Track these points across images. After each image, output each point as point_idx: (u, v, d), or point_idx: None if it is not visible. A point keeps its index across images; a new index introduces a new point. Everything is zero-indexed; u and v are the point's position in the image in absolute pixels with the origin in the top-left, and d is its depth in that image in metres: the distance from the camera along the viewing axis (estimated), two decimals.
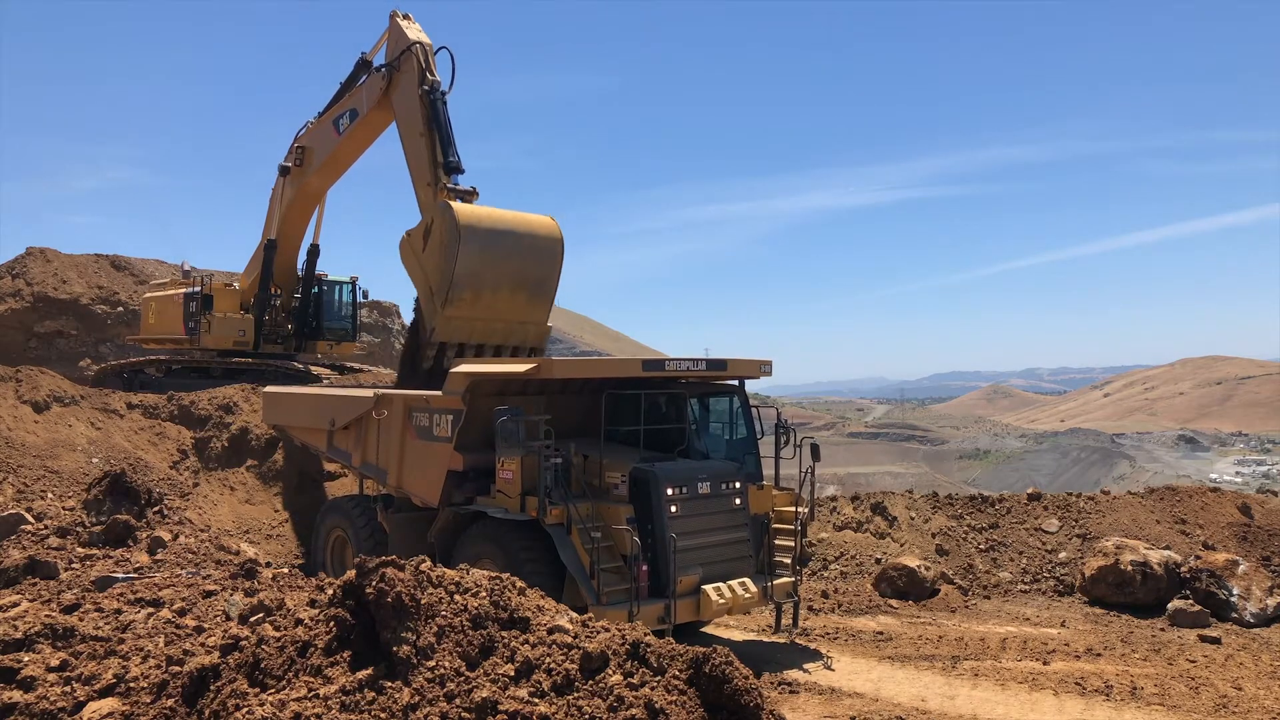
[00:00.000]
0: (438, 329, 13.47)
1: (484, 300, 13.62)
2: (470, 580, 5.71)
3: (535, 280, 14.11)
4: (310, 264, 22.29)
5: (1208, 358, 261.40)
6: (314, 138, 19.24)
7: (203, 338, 21.63)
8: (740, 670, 5.14)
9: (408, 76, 15.08)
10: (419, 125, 14.59)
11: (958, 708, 9.40)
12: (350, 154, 18.70)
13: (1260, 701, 9.59)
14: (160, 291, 24.40)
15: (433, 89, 14.64)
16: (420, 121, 14.58)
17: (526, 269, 13.90)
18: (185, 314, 22.23)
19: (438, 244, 13.36)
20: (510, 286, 13.82)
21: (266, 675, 5.28)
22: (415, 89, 14.77)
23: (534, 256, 13.99)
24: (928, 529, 16.10)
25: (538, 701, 4.95)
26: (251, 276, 21.84)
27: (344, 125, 17.59)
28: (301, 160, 19.40)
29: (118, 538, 9.96)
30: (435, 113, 14.49)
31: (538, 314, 14.43)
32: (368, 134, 17.59)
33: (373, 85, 16.33)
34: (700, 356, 11.54)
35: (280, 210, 20.45)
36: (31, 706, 5.88)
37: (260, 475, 17.65)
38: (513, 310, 14.00)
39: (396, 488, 12.39)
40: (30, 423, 16.65)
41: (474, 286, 13.42)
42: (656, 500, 10.18)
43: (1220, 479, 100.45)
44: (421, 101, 14.62)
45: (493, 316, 13.85)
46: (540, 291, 14.25)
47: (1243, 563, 13.62)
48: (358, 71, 17.25)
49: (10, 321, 29.08)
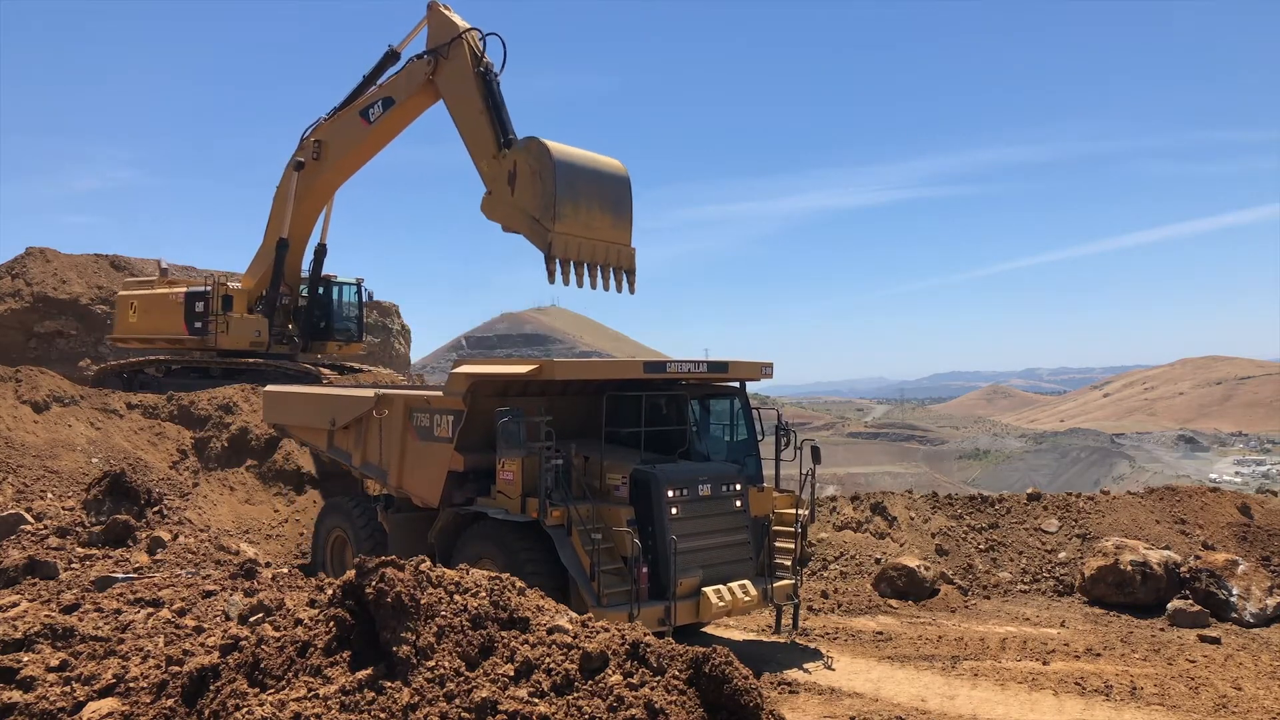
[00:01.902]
0: (554, 244, 14.19)
1: (581, 217, 14.44)
2: (470, 580, 5.71)
3: (615, 202, 14.96)
4: (317, 264, 22.24)
5: (1207, 358, 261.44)
6: (334, 131, 19.38)
7: (219, 338, 21.36)
8: (740, 670, 5.14)
9: (459, 60, 16.21)
10: (477, 103, 15.77)
11: (957, 708, 9.40)
12: (377, 143, 19.15)
13: (1260, 701, 9.60)
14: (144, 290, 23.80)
15: (488, 70, 15.95)
16: (479, 99, 15.77)
17: (605, 190, 14.82)
18: (188, 314, 22.05)
19: (528, 177, 14.42)
20: (599, 205, 14.68)
21: (266, 675, 5.28)
22: (469, 71, 16.01)
23: (610, 182, 14.97)
24: (927, 529, 16.10)
25: (537, 701, 4.95)
26: (257, 276, 21.64)
27: (375, 114, 18.23)
28: (319, 154, 19.55)
29: (117, 538, 9.96)
30: (492, 91, 15.77)
31: (623, 236, 15.19)
32: (402, 120, 18.22)
33: (415, 71, 17.16)
34: (701, 358, 11.54)
35: (293, 208, 20.35)
36: (31, 706, 5.88)
37: (260, 475, 17.65)
38: (604, 230, 14.83)
39: (397, 488, 12.39)
40: (30, 423, 16.66)
41: (571, 200, 14.26)
42: (657, 502, 10.18)
43: (1220, 479, 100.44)
44: (478, 81, 15.86)
45: (591, 235, 14.64)
46: (621, 214, 15.12)
47: (1242, 563, 13.62)
48: (385, 63, 18.12)
49: (10, 321, 29.07)
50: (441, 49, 16.42)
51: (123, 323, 23.70)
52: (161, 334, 22.82)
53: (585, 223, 14.43)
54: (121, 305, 23.91)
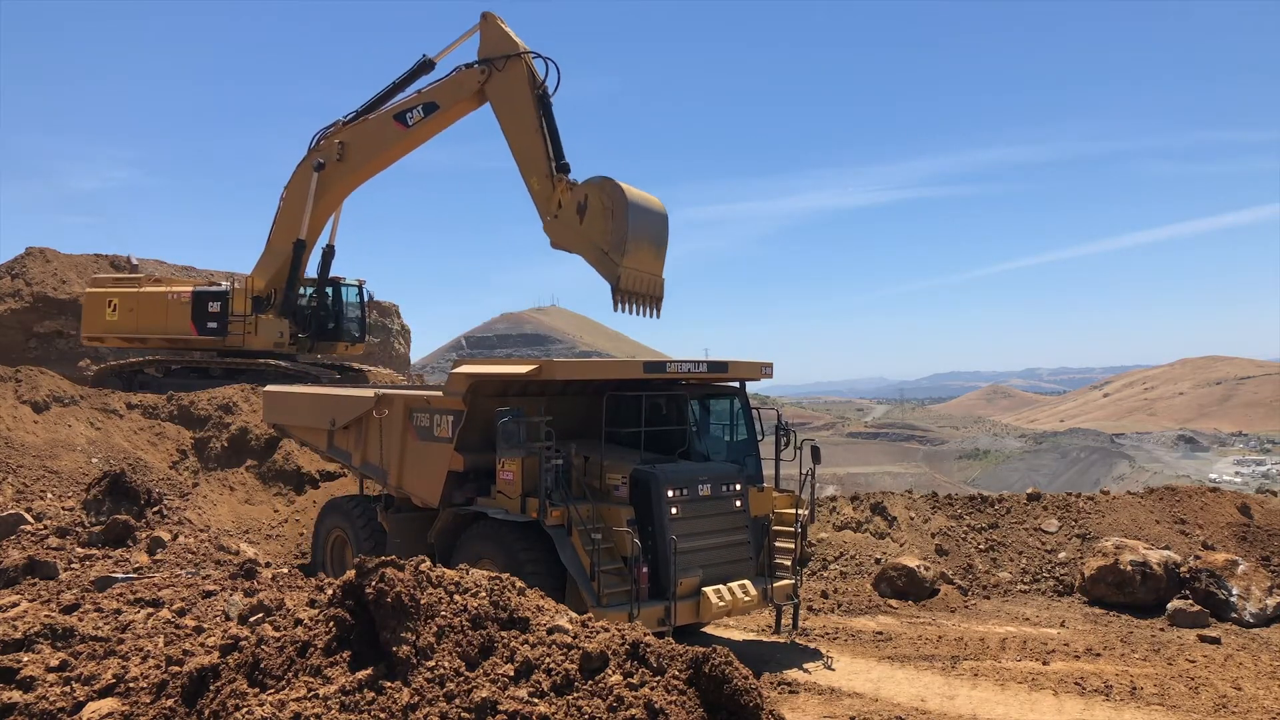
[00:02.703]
0: (622, 277, 15.09)
1: (639, 253, 15.41)
2: (470, 580, 5.71)
3: (659, 238, 15.87)
4: (325, 265, 22.44)
5: (1207, 358, 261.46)
6: (362, 133, 19.65)
7: (247, 339, 21.62)
8: (740, 670, 5.14)
9: (516, 77, 16.92)
10: (533, 124, 16.58)
11: (957, 708, 9.40)
12: (409, 147, 19.62)
13: (1260, 701, 9.60)
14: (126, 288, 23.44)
15: (544, 93, 16.71)
16: (534, 120, 16.58)
17: (652, 229, 15.71)
18: (197, 314, 22.01)
19: (599, 212, 15.32)
20: (649, 242, 15.60)
21: (266, 675, 5.27)
22: (526, 90, 16.74)
23: (658, 219, 15.90)
24: (927, 529, 16.10)
25: (537, 702, 4.95)
26: (267, 276, 21.70)
27: (414, 118, 18.76)
28: (342, 155, 19.76)
29: (117, 538, 9.96)
30: (548, 114, 16.63)
31: (658, 268, 16.14)
32: (440, 125, 18.81)
33: (465, 80, 17.73)
34: (701, 358, 11.54)
35: (310, 208, 20.56)
36: (31, 706, 5.88)
37: (260, 475, 17.66)
38: (647, 263, 15.75)
39: (396, 488, 12.39)
40: (30, 423, 16.66)
41: (635, 239, 15.16)
42: (657, 502, 10.17)
43: (1220, 479, 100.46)
44: (536, 103, 16.63)
45: (642, 268, 15.56)
46: (661, 248, 16.12)
47: (1242, 563, 13.62)
48: (418, 71, 18.66)
49: (10, 321, 29.05)
50: (496, 61, 17.09)
51: (98, 320, 23.18)
52: (158, 333, 22.59)
53: (639, 257, 15.34)
54: (95, 302, 23.40)
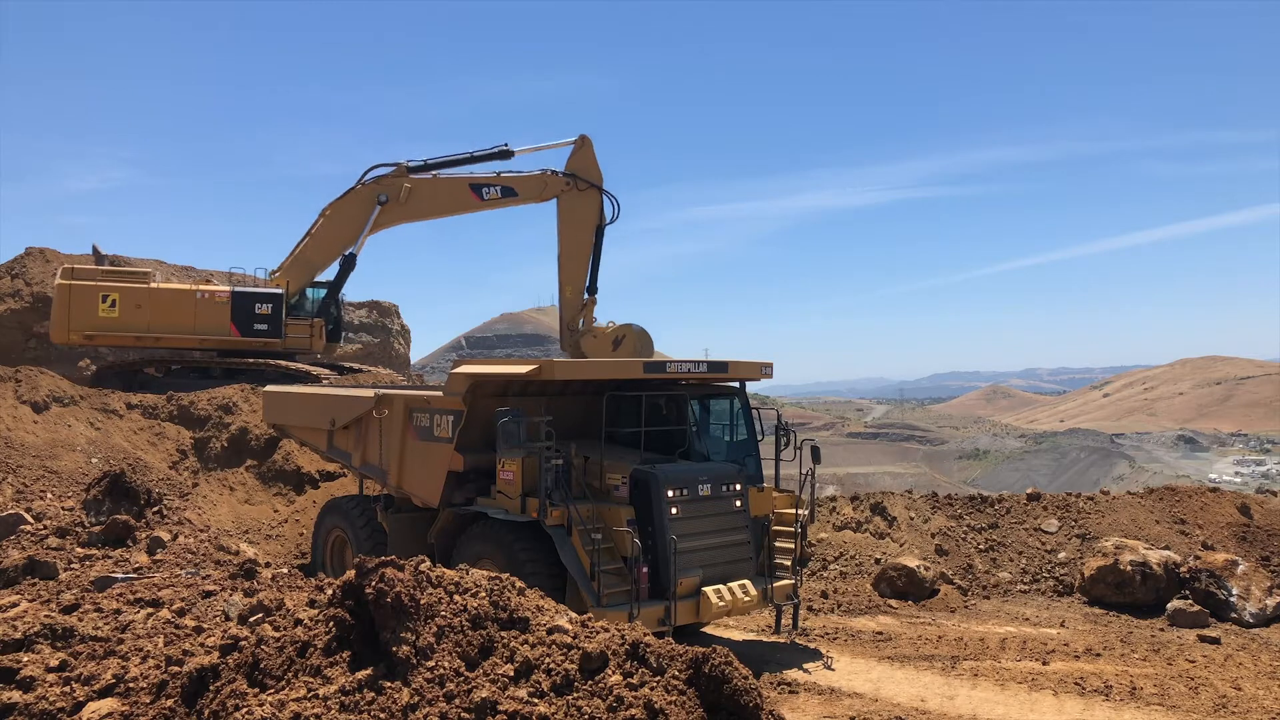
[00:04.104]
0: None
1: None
2: (470, 580, 5.71)
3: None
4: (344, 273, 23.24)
5: (1207, 358, 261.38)
6: (433, 188, 21.80)
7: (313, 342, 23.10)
8: (740, 670, 5.14)
9: (591, 205, 20.75)
10: (588, 248, 20.64)
11: (957, 708, 9.40)
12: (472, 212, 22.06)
13: (1260, 701, 9.60)
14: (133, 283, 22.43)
15: (603, 225, 20.76)
16: (590, 245, 20.65)
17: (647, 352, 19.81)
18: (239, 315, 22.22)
19: (630, 350, 19.31)
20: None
21: (266, 675, 5.27)
22: (594, 218, 20.72)
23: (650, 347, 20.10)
24: (927, 529, 16.09)
25: (537, 702, 4.95)
26: (299, 283, 22.85)
27: (490, 194, 21.58)
28: (405, 199, 21.78)
29: (117, 538, 9.97)
30: (599, 243, 20.76)
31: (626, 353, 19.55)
32: (507, 205, 21.53)
33: (552, 184, 20.98)
34: (701, 358, 11.53)
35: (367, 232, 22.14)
36: (31, 707, 5.88)
37: (260, 475, 17.65)
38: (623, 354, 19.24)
39: (396, 488, 12.38)
40: (30, 423, 16.66)
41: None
42: (657, 502, 10.17)
43: (1219, 479, 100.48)
44: (597, 234, 20.69)
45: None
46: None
47: (1242, 563, 13.62)
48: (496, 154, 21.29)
49: (10, 321, 29.02)
50: (580, 182, 20.65)
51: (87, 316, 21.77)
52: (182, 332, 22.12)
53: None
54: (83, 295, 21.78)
